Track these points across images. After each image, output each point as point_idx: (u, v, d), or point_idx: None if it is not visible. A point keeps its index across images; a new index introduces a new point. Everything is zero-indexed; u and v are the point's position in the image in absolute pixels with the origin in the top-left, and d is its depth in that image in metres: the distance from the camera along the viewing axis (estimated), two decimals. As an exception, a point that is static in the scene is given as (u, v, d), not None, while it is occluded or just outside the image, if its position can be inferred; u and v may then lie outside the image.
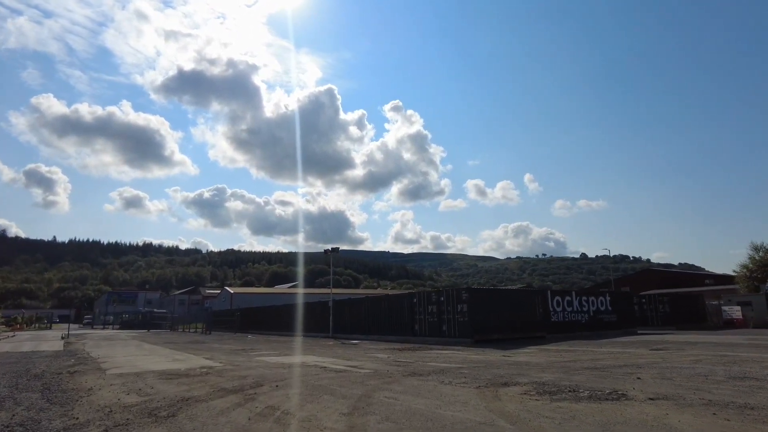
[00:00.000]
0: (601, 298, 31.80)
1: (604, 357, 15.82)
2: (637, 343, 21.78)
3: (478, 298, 25.00)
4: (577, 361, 14.73)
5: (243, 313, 54.88)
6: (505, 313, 26.06)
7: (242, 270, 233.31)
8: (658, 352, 17.31)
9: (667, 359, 14.56)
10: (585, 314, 30.34)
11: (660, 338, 25.44)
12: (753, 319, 39.47)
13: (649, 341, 23.03)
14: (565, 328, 28.85)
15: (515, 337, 26.03)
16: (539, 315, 27.81)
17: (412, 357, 17.26)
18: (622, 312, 33.01)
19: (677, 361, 14.05)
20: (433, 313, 26.46)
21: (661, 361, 14.21)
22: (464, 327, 24.38)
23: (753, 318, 39.57)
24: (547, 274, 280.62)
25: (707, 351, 17.15)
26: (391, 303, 30.15)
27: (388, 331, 29.64)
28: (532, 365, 13.70)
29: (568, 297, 29.78)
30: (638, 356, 15.83)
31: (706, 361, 13.88)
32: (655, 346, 19.72)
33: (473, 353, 18.78)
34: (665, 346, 19.47)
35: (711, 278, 72.51)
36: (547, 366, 13.49)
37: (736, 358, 14.38)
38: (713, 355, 15.63)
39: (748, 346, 18.88)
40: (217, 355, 18.67)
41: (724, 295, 44.18)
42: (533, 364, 13.95)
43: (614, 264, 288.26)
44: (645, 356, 15.76)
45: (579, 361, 14.67)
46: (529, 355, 17.59)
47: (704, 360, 14.16)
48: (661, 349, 18.32)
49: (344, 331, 34.14)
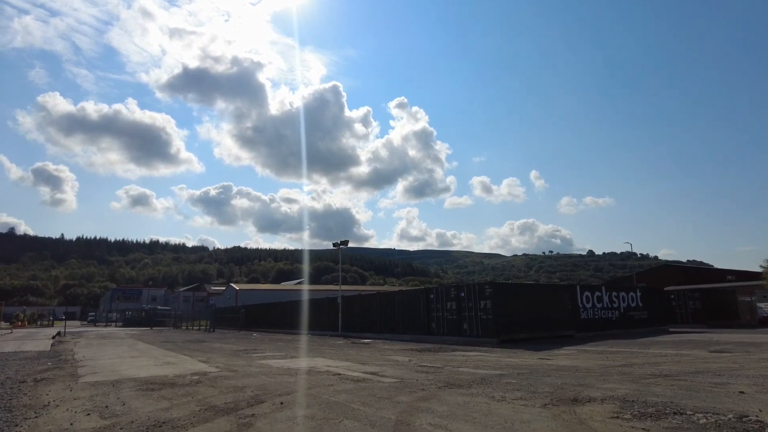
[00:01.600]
0: (631, 293, 29.44)
1: (662, 361, 13.54)
2: (685, 343, 19.47)
3: (503, 294, 22.74)
4: (633, 365, 12.49)
5: (248, 311, 52.85)
6: (532, 309, 23.77)
7: (248, 267, 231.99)
8: (722, 355, 15.02)
9: (744, 365, 12.25)
10: (615, 311, 28.01)
11: (705, 338, 23.08)
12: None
13: (698, 341, 20.70)
14: (595, 326, 26.55)
15: (543, 336, 23.76)
16: (567, 312, 25.51)
17: (437, 360, 15.05)
18: (653, 308, 30.63)
19: (758, 367, 11.77)
20: (452, 310, 24.22)
21: (738, 367, 11.91)
22: (488, 325, 22.12)
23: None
24: (553, 271, 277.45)
25: None
26: (406, 299, 27.93)
27: (402, 329, 27.43)
28: (586, 371, 11.46)
29: (598, 292, 27.45)
30: (704, 360, 13.56)
31: None
32: (713, 348, 17.39)
33: (505, 355, 16.55)
34: (724, 348, 17.14)
35: (732, 274, 69.69)
36: (604, 372, 11.25)
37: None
38: None
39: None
40: (214, 358, 16.53)
41: (758, 291, 41.64)
42: (585, 370, 11.72)
43: (621, 261, 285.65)
44: (712, 360, 13.48)
45: (635, 365, 12.42)
46: (570, 357, 15.34)
47: None
48: (722, 351, 15.99)
49: (354, 330, 31.98)
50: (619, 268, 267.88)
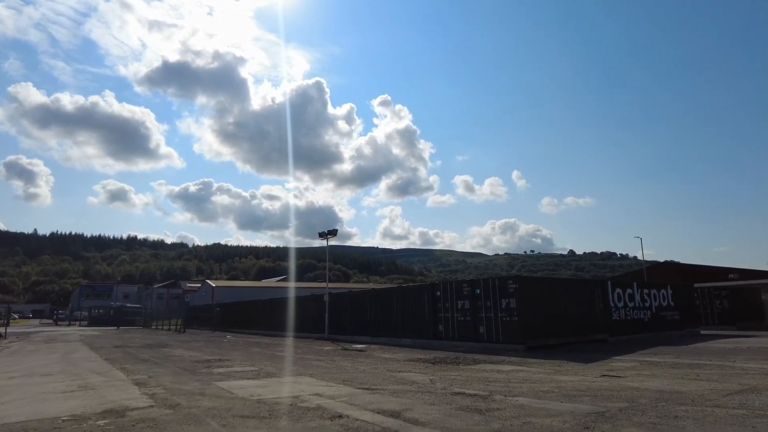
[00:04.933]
0: (662, 291, 25.70)
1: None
2: (765, 352, 15.62)
3: (530, 291, 18.70)
4: (760, 390, 8.51)
5: (224, 309, 48.16)
6: (560, 309, 19.81)
7: (229, 264, 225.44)
8: None
9: None
10: (647, 311, 24.23)
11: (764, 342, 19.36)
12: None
13: None
14: (628, 329, 22.71)
15: (574, 341, 19.81)
16: (599, 312, 21.60)
17: (468, 380, 10.89)
18: (684, 308, 26.96)
19: None
20: (465, 310, 20.10)
21: None
22: (512, 329, 18.05)
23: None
24: (535, 270, 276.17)
25: None
26: (407, 297, 23.72)
27: (401, 332, 23.22)
28: (704, 400, 7.43)
29: (630, 290, 23.62)
30: None
31: None
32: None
33: (551, 370, 12.48)
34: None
35: (735, 272, 67.08)
36: (743, 403, 7.23)
37: None
38: None
39: None
40: (159, 377, 12.07)
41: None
42: (699, 397, 7.69)
43: (602, 261, 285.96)
44: None
45: (764, 391, 8.43)
46: (644, 374, 11.33)
47: None
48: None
49: (343, 332, 27.67)
50: (600, 267, 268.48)
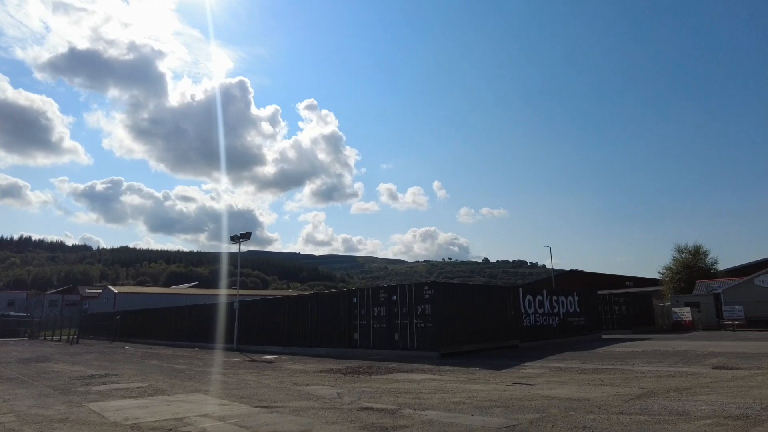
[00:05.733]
0: (570, 298, 26.81)
1: (685, 385, 9.90)
2: (667, 356, 16.44)
3: (446, 297, 18.54)
4: (659, 394, 8.66)
5: (125, 318, 44.31)
6: (475, 315, 19.86)
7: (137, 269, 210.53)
8: (729, 372, 11.84)
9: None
10: (556, 317, 25.10)
11: (665, 345, 20.54)
12: (701, 321, 37.00)
13: (667, 351, 17.89)
14: (537, 334, 23.33)
15: (487, 347, 19.93)
16: (511, 318, 21.98)
17: (378, 391, 10.27)
18: (589, 314, 28.33)
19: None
20: (381, 317, 19.59)
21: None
22: (427, 336, 17.77)
23: (701, 320, 37.12)
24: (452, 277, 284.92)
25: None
26: (322, 304, 22.82)
27: (316, 341, 22.25)
28: (610, 408, 7.35)
29: (539, 296, 24.34)
30: (719, 380, 10.14)
31: None
32: (704, 362, 14.36)
33: (463, 378, 12.21)
34: (724, 363, 14.12)
35: (630, 280, 72.68)
36: (644, 409, 7.21)
37: None
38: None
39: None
40: (13, 402, 10.25)
41: (673, 296, 41.96)
42: (605, 405, 7.63)
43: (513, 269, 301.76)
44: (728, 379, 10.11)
45: (662, 394, 8.59)
46: (553, 381, 11.34)
47: None
48: (729, 368, 12.89)
49: (255, 342, 26.15)
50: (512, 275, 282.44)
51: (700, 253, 58.38)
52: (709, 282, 47.34)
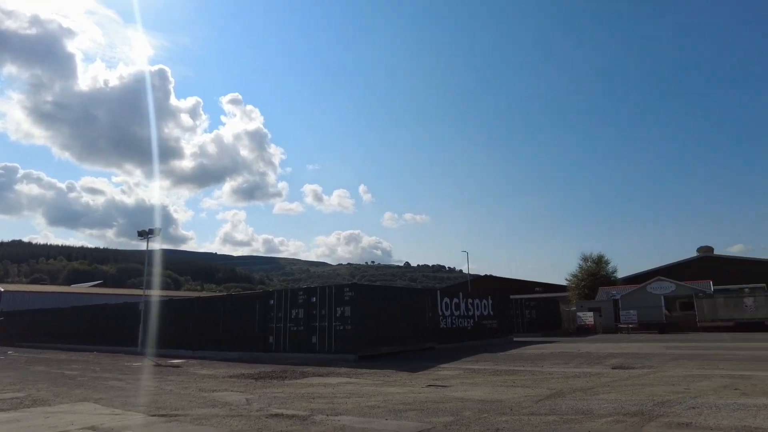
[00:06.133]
0: (484, 301, 27.70)
1: (588, 384, 10.39)
2: (572, 358, 17.29)
3: (366, 299, 18.38)
4: (566, 395, 8.99)
5: (10, 319, 39.93)
6: (395, 317, 19.88)
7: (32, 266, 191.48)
8: (626, 372, 12.64)
9: (691, 390, 9.56)
10: (471, 319, 25.80)
11: (569, 348, 21.71)
12: (602, 325, 39.85)
13: (573, 353, 18.88)
14: (453, 337, 23.84)
15: (405, 349, 20.01)
16: (428, 320, 22.26)
17: (290, 397, 9.81)
18: (502, 317, 29.45)
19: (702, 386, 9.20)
20: (299, 320, 19.04)
21: (685, 392, 9.14)
22: (346, 338, 17.48)
23: (602, 324, 39.97)
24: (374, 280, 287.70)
25: (685, 369, 12.96)
26: (236, 306, 21.81)
27: (228, 345, 21.18)
28: (522, 409, 7.50)
29: (456, 299, 24.89)
30: (633, 379, 10.78)
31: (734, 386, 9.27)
32: (604, 363, 15.25)
33: (379, 381, 12.04)
34: (621, 363, 15.06)
35: (540, 286, 76.89)
36: (553, 409, 7.41)
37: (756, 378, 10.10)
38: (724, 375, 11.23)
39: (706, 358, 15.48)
40: None
41: (578, 301, 44.84)
42: (517, 406, 7.77)
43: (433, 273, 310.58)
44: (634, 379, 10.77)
45: (569, 395, 8.93)
46: (467, 382, 11.50)
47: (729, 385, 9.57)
48: (621, 367, 13.76)
49: (163, 345, 24.43)
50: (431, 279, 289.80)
51: (603, 261, 63.06)
52: (609, 289, 51.16)
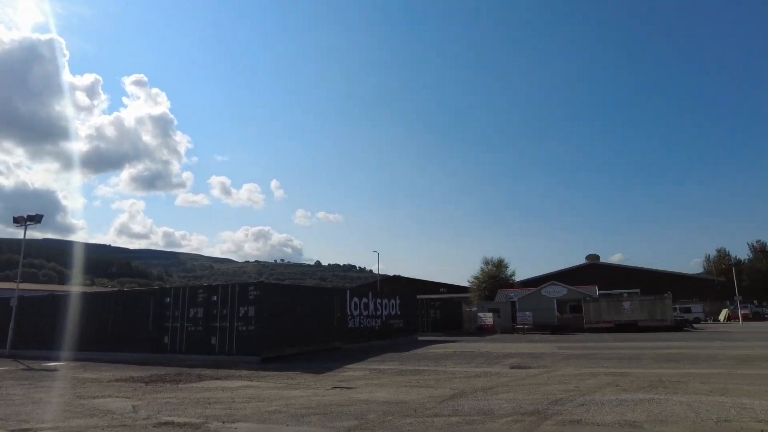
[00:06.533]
0: (392, 301, 28.00)
1: (491, 384, 10.73)
2: (473, 357, 17.86)
3: (272, 298, 17.72)
4: (467, 395, 9.20)
5: None
6: (302, 317, 19.39)
7: None
8: (523, 371, 13.28)
9: (580, 388, 10.22)
10: (378, 319, 25.94)
11: (471, 347, 22.48)
12: (500, 326, 41.98)
13: (475, 353, 19.56)
14: (361, 336, 23.81)
15: (312, 350, 19.60)
16: (337, 320, 22.02)
17: (183, 402, 9.09)
18: (408, 317, 29.97)
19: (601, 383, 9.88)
20: (198, 320, 17.93)
21: (575, 390, 9.76)
22: (249, 339, 16.73)
23: (500, 324, 42.11)
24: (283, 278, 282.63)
25: (575, 368, 13.88)
26: (128, 303, 20.13)
27: (117, 345, 19.44)
28: (426, 410, 7.53)
29: (365, 299, 24.89)
30: (516, 378, 11.30)
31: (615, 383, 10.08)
32: (503, 362, 15.92)
33: (282, 384, 11.59)
34: (519, 363, 15.80)
35: (445, 287, 79.72)
36: (455, 411, 7.51)
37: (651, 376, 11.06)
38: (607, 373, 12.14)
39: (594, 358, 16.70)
40: None
41: (479, 302, 46.87)
42: (421, 407, 7.80)
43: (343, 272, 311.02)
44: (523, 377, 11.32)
45: (471, 395, 9.15)
46: (373, 383, 11.43)
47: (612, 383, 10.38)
48: (519, 367, 14.44)
49: (39, 346, 21.86)
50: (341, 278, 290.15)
51: (503, 265, 66.89)
52: (508, 291, 54.23)
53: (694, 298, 57.31)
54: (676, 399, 8.42)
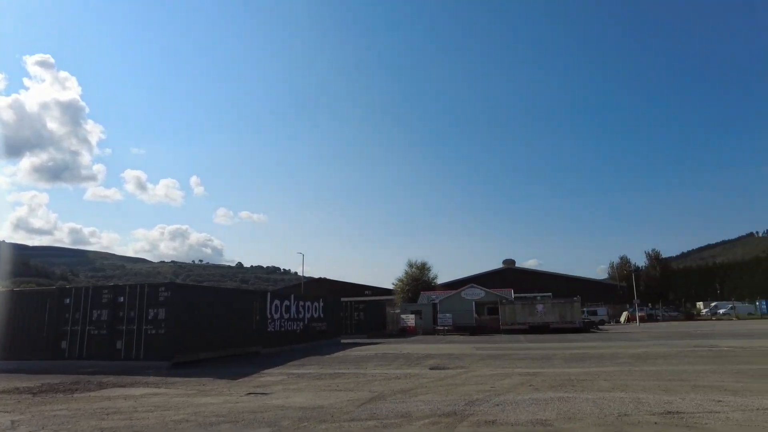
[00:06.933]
0: (315, 303, 27.55)
1: (409, 386, 10.74)
2: (394, 359, 17.86)
3: (184, 299, 16.73)
4: (387, 398, 9.14)
5: None
6: (218, 320, 18.48)
7: None
8: (442, 372, 13.47)
9: (496, 388, 10.49)
10: (300, 322, 25.40)
11: (393, 349, 22.54)
12: (422, 327, 42.73)
13: (396, 354, 19.60)
14: (281, 340, 23.16)
15: (228, 354, 18.77)
16: (256, 323, 21.25)
17: (76, 413, 8.25)
18: (331, 319, 29.62)
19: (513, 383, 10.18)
20: (102, 323, 16.56)
21: (491, 391, 10.02)
22: (159, 343, 15.68)
23: (422, 326, 42.86)
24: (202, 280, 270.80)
25: (491, 369, 14.29)
26: (21, 305, 18.10)
27: (6, 353, 17.44)
28: (343, 415, 7.35)
29: (287, 301, 24.27)
30: (435, 379, 11.43)
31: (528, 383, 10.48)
32: (423, 364, 16.06)
33: (194, 391, 10.92)
34: (438, 364, 15.99)
35: (370, 289, 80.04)
36: (373, 414, 7.39)
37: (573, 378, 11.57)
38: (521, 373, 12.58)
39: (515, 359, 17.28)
40: None
41: (402, 304, 47.37)
42: (338, 412, 7.61)
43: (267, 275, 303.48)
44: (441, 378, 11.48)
45: (390, 398, 9.09)
46: (291, 388, 11.07)
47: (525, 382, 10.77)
48: (438, 368, 14.63)
49: None
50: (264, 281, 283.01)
51: (426, 268, 68.25)
52: (430, 293, 55.37)
53: (600, 301, 61.69)
54: (583, 397, 8.85)
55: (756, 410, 7.53)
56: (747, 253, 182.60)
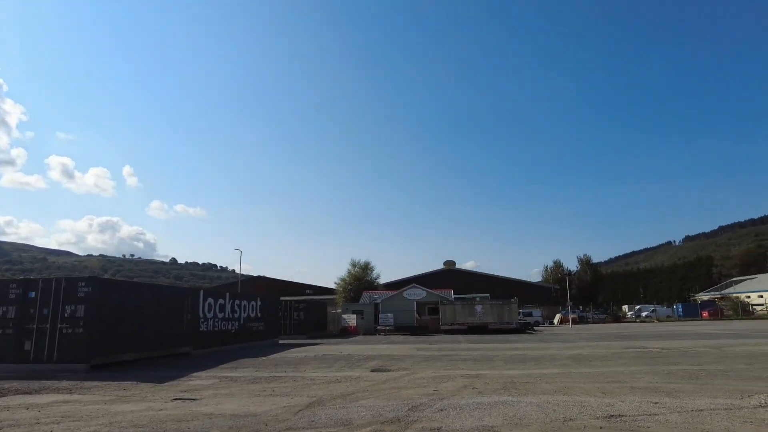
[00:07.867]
0: (253, 302, 26.41)
1: (349, 389, 10.23)
2: (334, 360, 17.22)
3: (107, 296, 15.32)
4: (326, 404, 8.61)
5: None
6: (145, 320, 17.14)
7: None
8: (384, 374, 13.07)
9: (439, 391, 10.20)
10: (236, 322, 24.23)
11: (331, 349, 21.91)
12: (363, 327, 42.34)
13: (336, 356, 18.98)
14: (215, 340, 21.97)
15: (155, 355, 17.47)
16: (187, 323, 19.96)
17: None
18: (269, 319, 28.56)
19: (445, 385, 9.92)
20: (8, 321, 14.84)
21: (434, 394, 9.72)
22: (76, 344, 14.25)
23: (363, 326, 42.47)
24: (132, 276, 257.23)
25: (434, 371, 14.04)
26: None
27: None
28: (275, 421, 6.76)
29: (222, 300, 23.01)
30: (377, 382, 11.01)
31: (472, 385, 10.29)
32: (364, 365, 15.58)
33: (112, 396, 9.88)
34: (379, 365, 15.52)
35: (311, 288, 78.74)
36: (311, 422, 6.85)
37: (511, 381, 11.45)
38: (464, 375, 12.37)
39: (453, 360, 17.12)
40: None
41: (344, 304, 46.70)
42: (275, 419, 7.01)
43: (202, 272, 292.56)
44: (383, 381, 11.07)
45: (330, 403, 8.57)
46: (222, 393, 10.28)
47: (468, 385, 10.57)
48: (380, 370, 14.21)
49: None
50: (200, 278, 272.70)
51: (369, 268, 67.94)
52: (372, 293, 55.07)
53: (535, 303, 63.82)
54: (527, 400, 8.69)
55: (691, 411, 7.62)
56: (666, 260, 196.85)
